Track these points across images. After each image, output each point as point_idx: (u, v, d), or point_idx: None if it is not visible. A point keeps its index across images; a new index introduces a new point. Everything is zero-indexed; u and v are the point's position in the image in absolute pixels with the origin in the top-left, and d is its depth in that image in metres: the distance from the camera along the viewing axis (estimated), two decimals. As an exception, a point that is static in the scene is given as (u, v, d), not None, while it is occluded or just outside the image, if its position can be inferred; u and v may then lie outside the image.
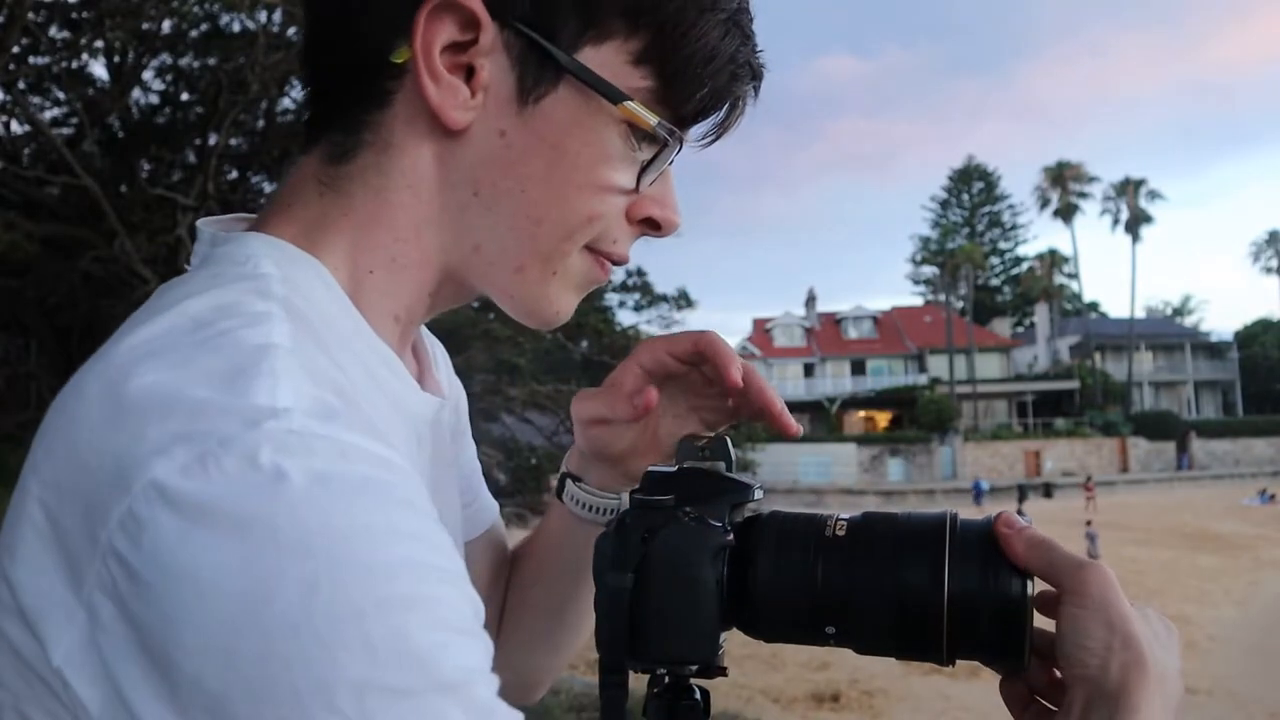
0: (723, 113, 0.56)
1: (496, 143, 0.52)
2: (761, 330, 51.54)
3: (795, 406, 47.55)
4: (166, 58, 8.71)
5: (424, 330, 0.68)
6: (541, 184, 0.52)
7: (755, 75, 0.56)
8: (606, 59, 0.51)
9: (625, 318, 13.60)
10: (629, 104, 0.51)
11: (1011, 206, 61.24)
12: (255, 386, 0.39)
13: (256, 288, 0.46)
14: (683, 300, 13.67)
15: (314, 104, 0.55)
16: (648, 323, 13.90)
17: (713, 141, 0.58)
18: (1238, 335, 53.21)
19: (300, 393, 0.40)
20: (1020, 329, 57.72)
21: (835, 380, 48.20)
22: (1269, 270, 56.44)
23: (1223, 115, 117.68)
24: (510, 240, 0.53)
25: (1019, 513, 0.52)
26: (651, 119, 0.51)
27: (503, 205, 0.53)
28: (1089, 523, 18.82)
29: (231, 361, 0.40)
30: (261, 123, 9.62)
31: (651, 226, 0.57)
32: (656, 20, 0.51)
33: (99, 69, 8.48)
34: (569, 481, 0.70)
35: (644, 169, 0.54)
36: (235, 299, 0.45)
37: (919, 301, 58.57)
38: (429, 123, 0.51)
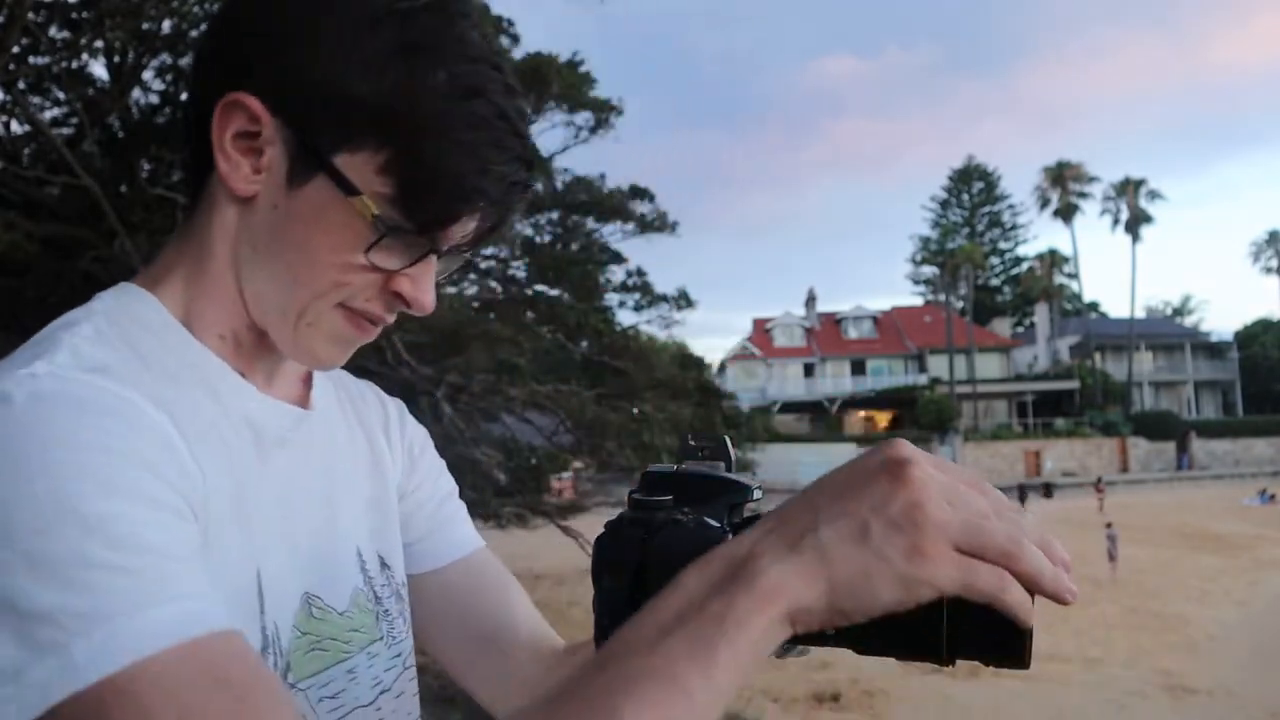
0: (481, 220, 0.66)
1: (271, 213, 0.64)
2: (761, 330, 51.55)
3: (795, 406, 47.58)
4: (167, 58, 8.71)
5: (368, 388, 0.89)
6: (299, 251, 0.64)
7: (507, 191, 0.65)
8: (358, 164, 0.62)
9: (625, 318, 13.61)
10: (360, 200, 0.62)
11: (1011, 206, 61.28)
12: (41, 354, 0.57)
13: (86, 310, 0.64)
14: (683, 300, 13.66)
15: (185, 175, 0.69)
16: (648, 322, 13.90)
17: (478, 243, 0.68)
18: (1238, 335, 53.21)
19: (79, 354, 0.58)
20: (1020, 329, 57.73)
21: (835, 380, 48.22)
22: (1269, 270, 56.45)
23: (1223, 115, 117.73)
24: (273, 292, 0.66)
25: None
26: (370, 214, 0.62)
27: (271, 263, 0.65)
28: (1109, 524, 18.64)
29: (38, 343, 0.59)
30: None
31: (403, 301, 0.67)
32: (398, 142, 0.61)
33: (99, 69, 8.47)
34: None
35: (415, 255, 0.65)
36: (70, 318, 0.63)
37: (919, 301, 58.60)
38: (231, 191, 0.65)
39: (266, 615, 0.64)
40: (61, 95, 7.92)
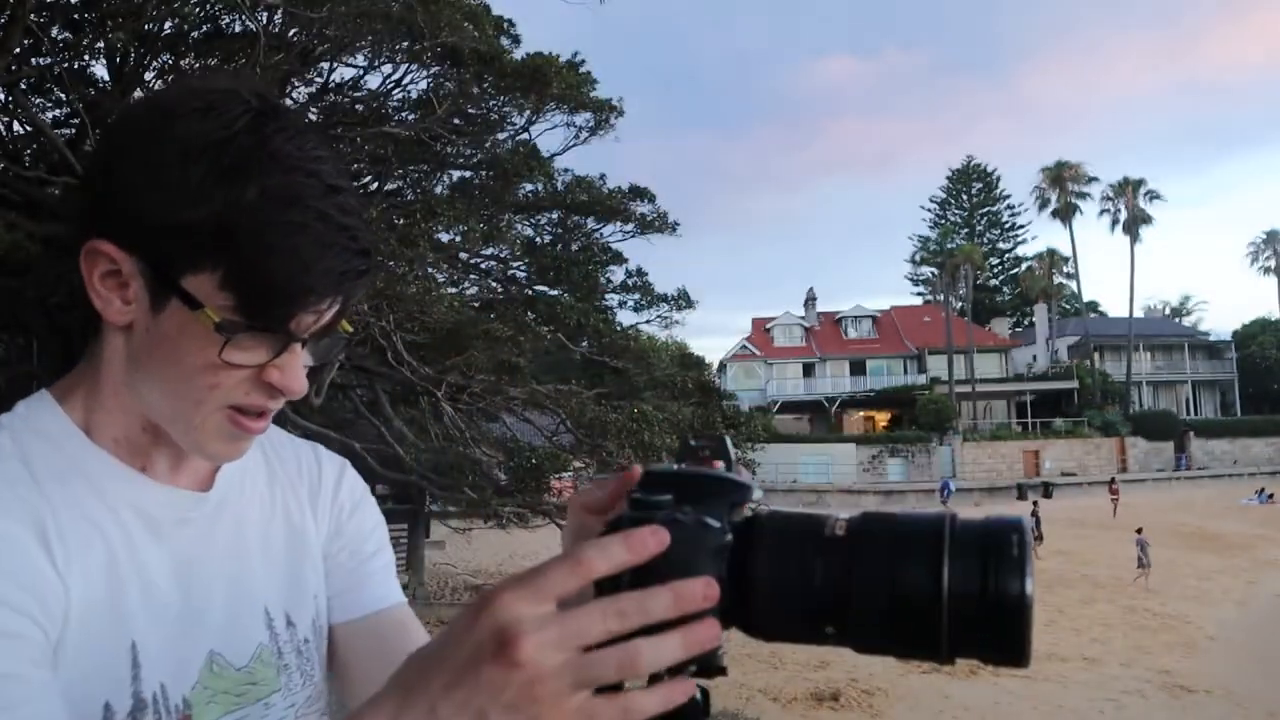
0: (316, 316, 0.73)
1: (145, 335, 0.73)
2: (761, 330, 51.53)
3: (795, 406, 47.55)
4: (168, 59, 8.71)
5: (308, 451, 0.98)
6: (172, 365, 0.73)
7: (337, 283, 0.72)
8: (202, 283, 0.70)
9: (625, 318, 13.59)
10: (203, 313, 0.70)
11: (1011, 207, 61.28)
12: None
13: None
14: (683, 300, 13.65)
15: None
16: (647, 322, 13.89)
17: (333, 327, 0.76)
18: (1236, 335, 53.16)
19: None
20: (1019, 329, 57.71)
21: (835, 380, 48.19)
22: (1268, 270, 56.43)
23: (1222, 115, 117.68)
24: (161, 402, 0.75)
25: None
26: (212, 323, 0.70)
27: (153, 378, 0.75)
28: (1139, 530, 17.91)
29: None
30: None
31: (276, 389, 0.75)
32: (228, 259, 0.70)
33: (100, 70, 8.48)
34: None
35: (275, 348, 0.73)
36: None
37: (918, 301, 58.56)
38: (110, 322, 0.75)
39: (143, 681, 0.74)
40: (63, 96, 7.92)
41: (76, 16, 7.50)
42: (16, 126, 8.12)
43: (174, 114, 0.72)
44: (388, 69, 10.01)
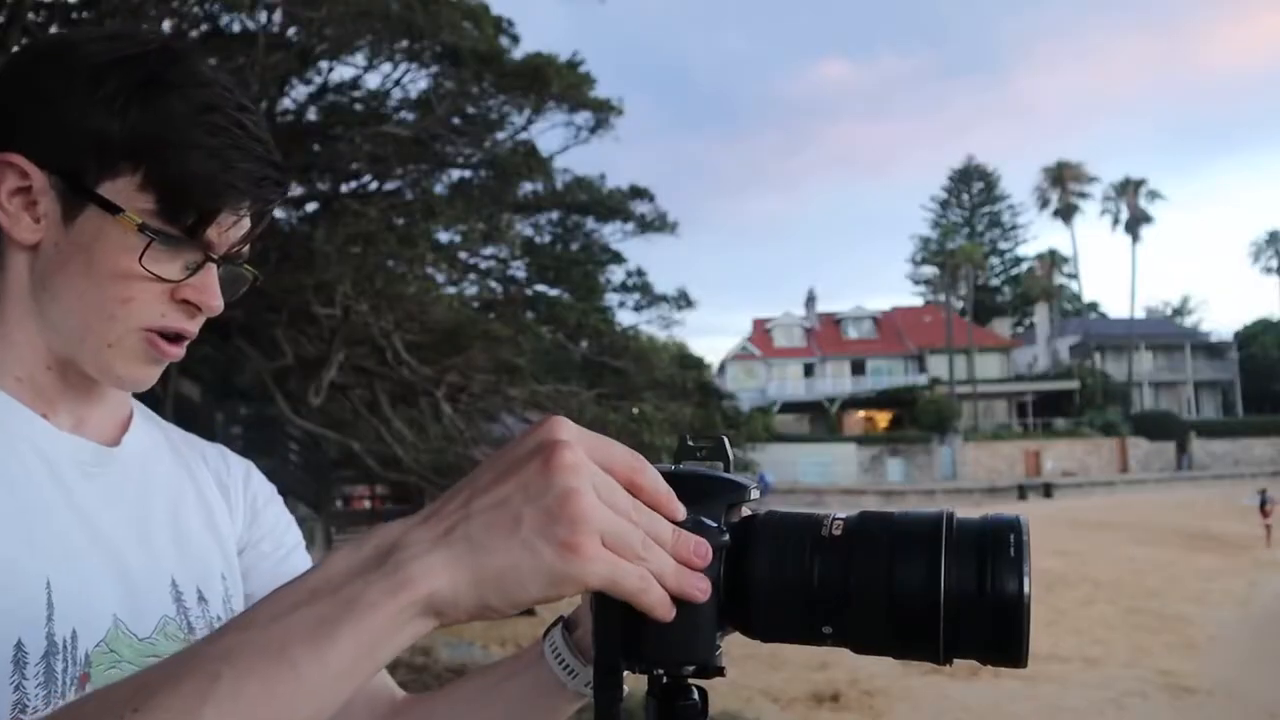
0: (242, 220, 0.75)
1: (54, 253, 0.72)
2: (761, 330, 51.55)
3: (795, 406, 47.58)
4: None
5: (215, 450, 0.95)
6: (84, 278, 0.72)
7: (257, 186, 0.74)
8: (120, 188, 0.70)
9: (625, 318, 13.59)
10: (125, 215, 0.70)
11: (1011, 206, 61.27)
12: None
13: None
14: (683, 300, 13.66)
15: None
16: (647, 322, 13.90)
17: (247, 243, 0.77)
18: (1238, 335, 53.19)
19: None
20: (1020, 329, 57.72)
21: (835, 380, 48.21)
22: (1269, 270, 56.48)
23: (1222, 115, 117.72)
24: (72, 323, 0.73)
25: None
26: (135, 224, 0.70)
27: (63, 298, 0.73)
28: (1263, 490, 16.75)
29: None
30: (261, 123, 9.60)
31: (194, 306, 0.75)
32: (149, 160, 0.70)
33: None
34: (560, 630, 0.71)
35: (192, 264, 0.73)
36: None
37: (919, 301, 58.57)
38: (17, 242, 0.73)
39: (55, 623, 0.69)
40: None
41: (75, 16, 7.50)
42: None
43: (87, 38, 0.74)
44: (387, 68, 10.03)
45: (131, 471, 0.82)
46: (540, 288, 12.82)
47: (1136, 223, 49.87)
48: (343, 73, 10.21)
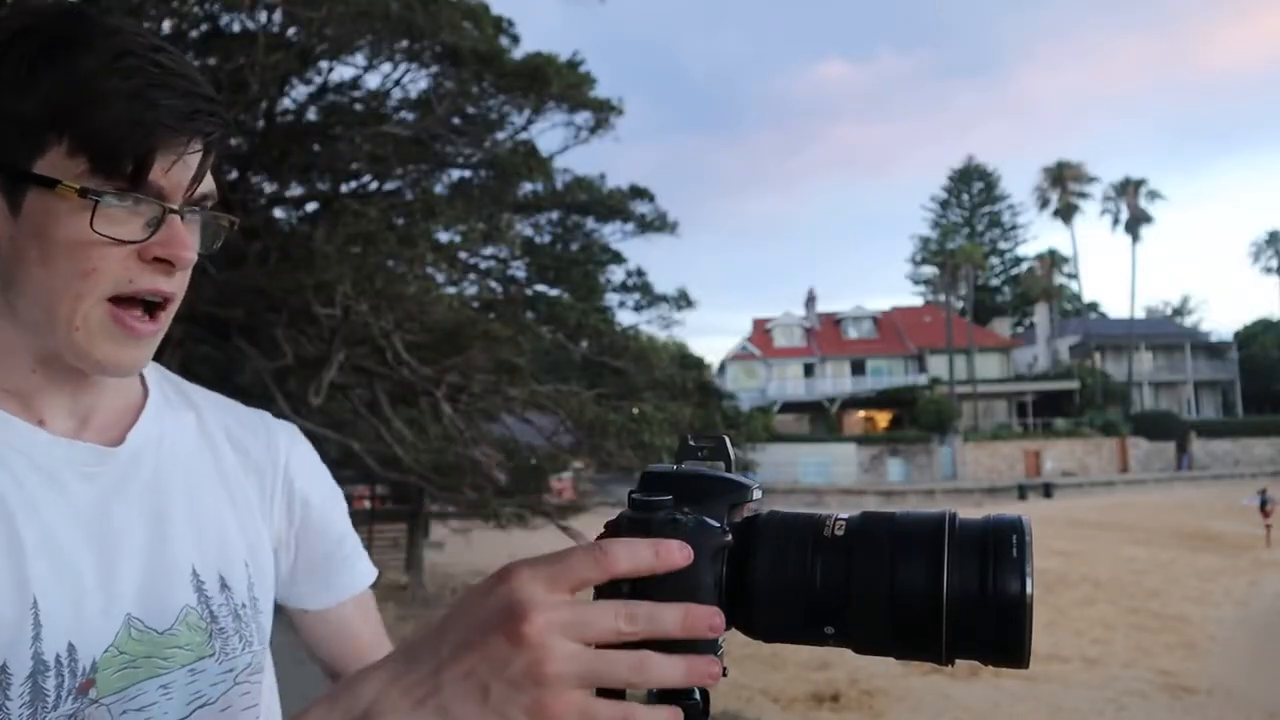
0: (189, 159, 0.71)
1: (8, 248, 0.70)
2: (761, 330, 51.54)
3: (795, 406, 47.56)
4: (166, 58, 8.71)
5: (258, 421, 0.94)
6: (42, 263, 0.69)
7: (189, 117, 0.69)
8: (55, 161, 0.68)
9: (625, 318, 13.59)
10: (61, 185, 0.67)
11: (1011, 206, 61.26)
12: None
13: None
14: (683, 300, 13.67)
15: None
16: (647, 322, 13.90)
17: (199, 183, 0.72)
18: (1238, 335, 53.18)
19: None
20: (1020, 329, 57.70)
21: (835, 380, 48.19)
22: (1269, 270, 56.47)
23: (1222, 115, 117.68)
24: (40, 314, 0.70)
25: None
26: (74, 189, 0.67)
27: (27, 288, 0.70)
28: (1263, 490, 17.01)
29: None
30: (261, 123, 9.62)
31: (164, 262, 0.71)
32: (70, 123, 0.67)
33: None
34: None
35: (151, 218, 0.70)
36: None
37: (919, 301, 58.56)
38: None
39: (43, 642, 0.69)
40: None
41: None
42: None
43: None
44: (387, 68, 10.03)
45: (140, 467, 0.80)
46: (540, 288, 12.82)
47: (1136, 223, 49.85)
48: (343, 73, 10.22)
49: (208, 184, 0.74)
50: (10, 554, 0.69)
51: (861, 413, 46.92)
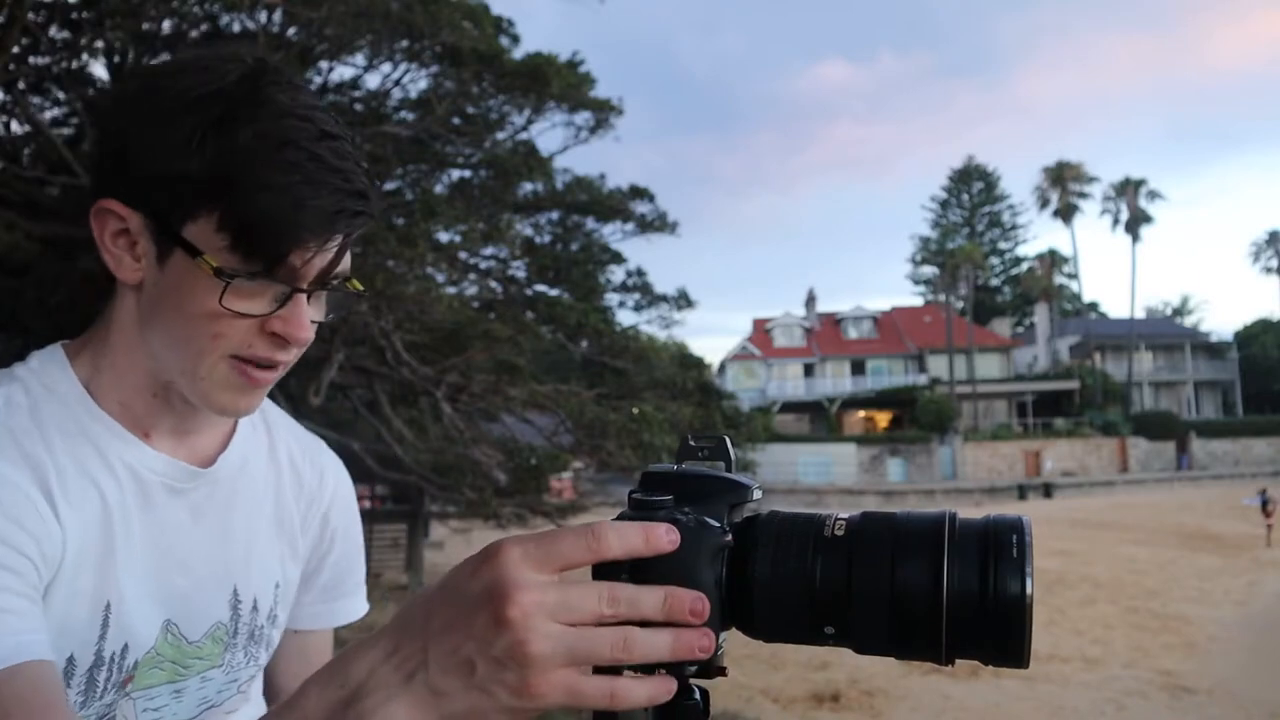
0: (325, 251, 0.74)
1: (153, 291, 0.76)
2: (761, 330, 51.52)
3: (795, 406, 47.54)
4: (167, 58, 8.71)
5: (325, 460, 1.00)
6: (177, 316, 0.75)
7: (330, 222, 0.73)
8: (200, 230, 0.72)
9: (625, 318, 13.60)
10: (202, 259, 0.72)
11: (1011, 206, 61.22)
12: None
13: (9, 374, 0.78)
14: (683, 300, 13.66)
15: None
16: (647, 323, 13.89)
17: (332, 272, 0.76)
18: (1238, 335, 53.17)
19: None
20: (1020, 329, 57.68)
21: (835, 380, 48.17)
22: (1269, 270, 56.41)
23: (1222, 115, 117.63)
24: (169, 356, 0.77)
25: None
26: (210, 267, 0.71)
27: (161, 333, 0.77)
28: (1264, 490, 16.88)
29: None
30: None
31: (281, 339, 0.76)
32: (223, 201, 0.71)
33: (99, 69, 8.47)
34: None
35: (278, 297, 0.74)
36: None
37: (919, 301, 58.54)
38: (122, 280, 0.77)
39: (107, 640, 0.76)
40: (62, 95, 7.92)
41: (75, 16, 7.49)
42: (15, 126, 8.12)
43: (172, 73, 0.75)
44: (387, 68, 10.02)
45: (221, 488, 0.87)
46: (540, 288, 12.81)
47: (1136, 223, 49.83)
48: (343, 73, 10.23)
49: (344, 263, 0.78)
50: (101, 554, 0.76)
51: (861, 413, 46.90)
